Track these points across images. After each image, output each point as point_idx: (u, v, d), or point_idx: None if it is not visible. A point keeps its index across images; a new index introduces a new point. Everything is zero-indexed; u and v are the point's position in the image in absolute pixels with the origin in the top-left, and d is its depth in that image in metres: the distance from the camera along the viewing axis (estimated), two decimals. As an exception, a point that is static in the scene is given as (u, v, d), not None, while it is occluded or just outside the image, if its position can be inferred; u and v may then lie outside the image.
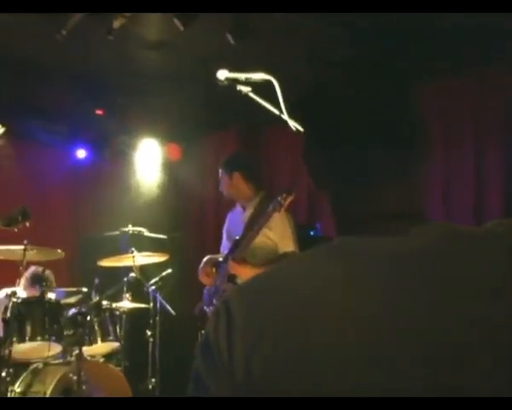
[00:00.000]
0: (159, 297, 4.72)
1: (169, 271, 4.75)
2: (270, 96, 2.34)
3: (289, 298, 0.78)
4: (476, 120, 4.15)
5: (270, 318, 0.78)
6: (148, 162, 5.93)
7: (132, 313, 4.75)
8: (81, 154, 6.02)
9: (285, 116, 2.31)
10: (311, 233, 4.52)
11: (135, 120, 5.55)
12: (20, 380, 4.44)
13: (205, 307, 3.78)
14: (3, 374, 4.39)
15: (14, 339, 4.45)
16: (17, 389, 4.42)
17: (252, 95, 2.40)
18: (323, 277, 0.78)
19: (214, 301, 3.66)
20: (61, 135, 5.51)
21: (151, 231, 4.71)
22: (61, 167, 6.04)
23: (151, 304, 4.69)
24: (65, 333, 4.50)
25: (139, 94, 4.89)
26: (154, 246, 4.77)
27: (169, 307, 4.75)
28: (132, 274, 4.60)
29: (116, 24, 3.83)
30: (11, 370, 4.44)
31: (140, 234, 4.64)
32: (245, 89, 2.39)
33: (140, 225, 4.69)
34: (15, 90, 4.69)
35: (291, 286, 0.79)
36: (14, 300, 4.43)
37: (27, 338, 4.58)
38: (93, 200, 5.94)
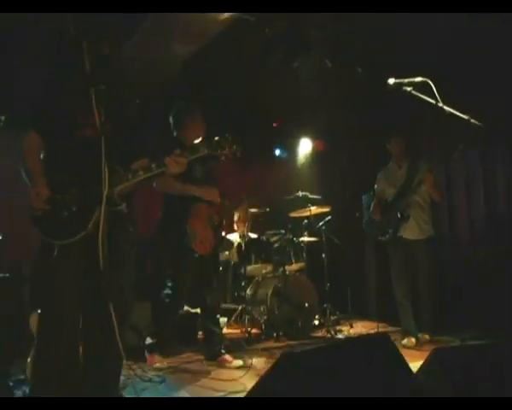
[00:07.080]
0: (326, 233, 6.30)
1: (329, 217, 6.33)
2: (427, 92, 2.76)
3: None
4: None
5: None
6: (306, 154, 7.93)
7: (310, 244, 6.47)
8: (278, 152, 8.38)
9: (440, 104, 2.72)
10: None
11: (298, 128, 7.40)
12: (250, 287, 5.99)
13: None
14: (243, 284, 5.96)
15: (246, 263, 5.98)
16: (248, 292, 5.90)
17: (414, 92, 2.77)
18: None
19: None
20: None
21: (312, 194, 6.32)
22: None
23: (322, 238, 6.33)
24: (274, 258, 6.12)
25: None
26: (319, 203, 6.25)
27: (334, 239, 6.34)
28: (306, 220, 6.35)
29: None
30: (245, 281, 6.04)
31: (305, 196, 6.23)
32: (408, 88, 2.76)
33: (305, 191, 6.30)
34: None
35: None
36: (239, 240, 6.09)
37: (252, 262, 6.24)
38: (283, 177, 7.87)
